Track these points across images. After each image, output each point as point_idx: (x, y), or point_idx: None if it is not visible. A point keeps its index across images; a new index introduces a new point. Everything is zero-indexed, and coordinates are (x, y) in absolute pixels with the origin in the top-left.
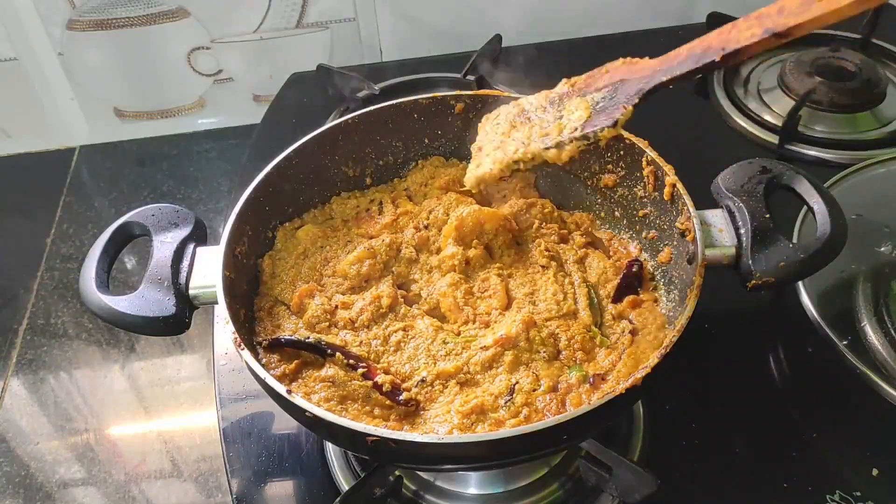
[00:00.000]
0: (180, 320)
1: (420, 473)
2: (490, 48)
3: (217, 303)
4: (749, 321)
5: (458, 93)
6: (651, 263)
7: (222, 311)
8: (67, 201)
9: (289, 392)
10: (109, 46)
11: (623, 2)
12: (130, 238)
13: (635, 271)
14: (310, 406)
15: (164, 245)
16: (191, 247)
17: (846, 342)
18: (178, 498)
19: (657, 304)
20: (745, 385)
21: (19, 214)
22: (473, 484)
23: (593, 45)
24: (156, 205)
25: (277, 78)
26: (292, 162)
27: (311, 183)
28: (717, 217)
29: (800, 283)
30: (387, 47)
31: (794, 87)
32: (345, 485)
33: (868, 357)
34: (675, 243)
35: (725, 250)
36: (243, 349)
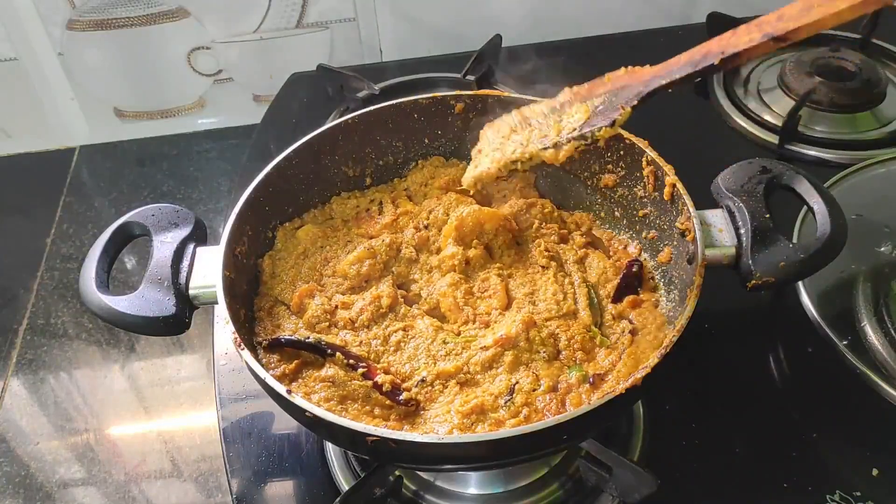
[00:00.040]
0: (180, 320)
1: (420, 473)
2: (490, 48)
3: (217, 303)
4: (749, 321)
5: (458, 93)
6: (651, 263)
7: (222, 311)
8: (67, 201)
9: (289, 392)
10: (109, 46)
11: (623, 2)
12: (130, 238)
13: (635, 271)
14: (310, 406)
15: (164, 245)
16: (191, 247)
17: (846, 342)
18: (178, 498)
19: (657, 305)
20: (745, 385)
21: (19, 214)
22: (473, 484)
23: (593, 45)
24: (156, 205)
25: (277, 78)
26: (292, 162)
27: (311, 183)
28: (717, 217)
29: (800, 283)
30: (387, 47)
31: (794, 87)
32: (345, 485)
33: (868, 357)
34: (675, 243)
35: (725, 250)
36: (243, 349)
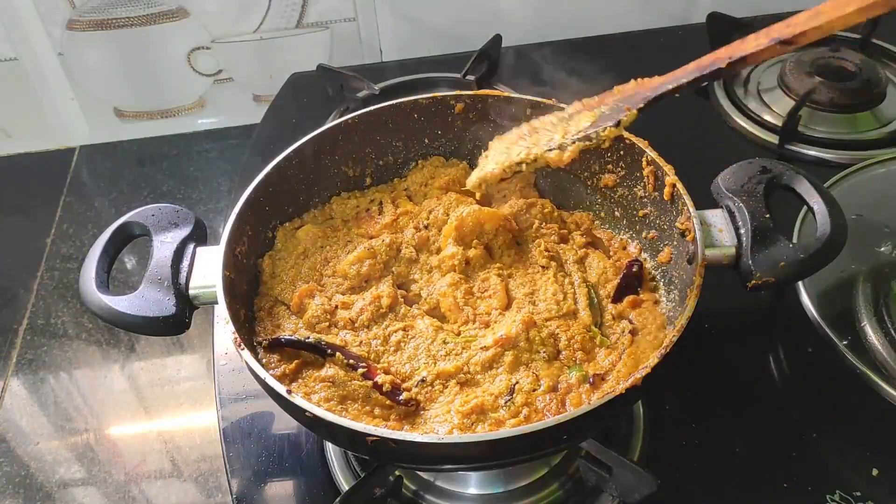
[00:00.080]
0: (180, 320)
1: (420, 473)
2: (490, 48)
3: (217, 303)
4: (749, 321)
5: (458, 93)
6: (651, 263)
7: (222, 311)
8: (67, 201)
9: (289, 392)
10: (109, 46)
11: (623, 2)
12: (130, 238)
13: (635, 271)
14: (310, 406)
15: (164, 245)
16: (191, 247)
17: (846, 342)
18: (178, 498)
19: (657, 304)
20: (745, 385)
21: (19, 214)
22: (473, 484)
23: (593, 45)
24: (156, 205)
25: (277, 78)
26: (292, 162)
27: (311, 183)
28: (717, 217)
29: (800, 283)
30: (387, 47)
31: (794, 87)
32: (345, 485)
33: (868, 357)
34: (675, 243)
35: (725, 250)
36: (243, 349)
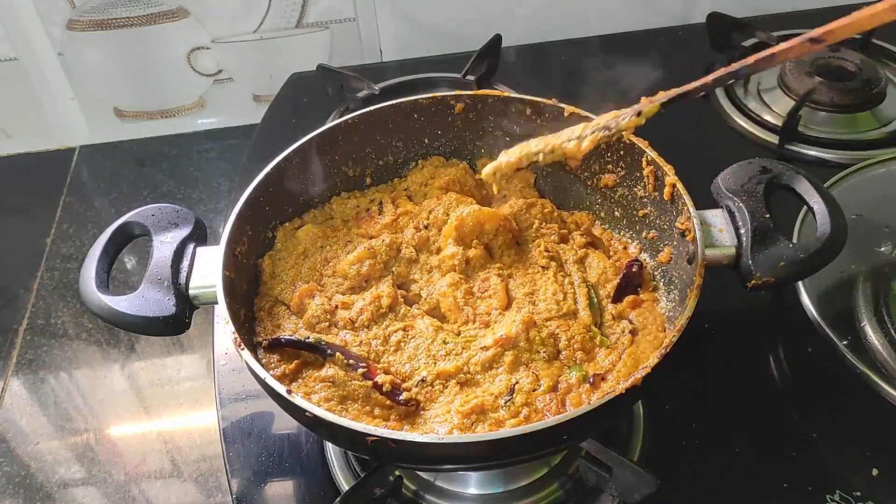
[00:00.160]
0: (180, 320)
1: (420, 473)
2: (490, 48)
3: (217, 303)
4: (749, 321)
5: (458, 93)
6: (651, 263)
7: (222, 311)
8: (67, 201)
9: (289, 392)
10: (109, 46)
11: (623, 2)
12: (130, 238)
13: (635, 271)
14: (310, 406)
15: (164, 245)
16: (191, 247)
17: (846, 342)
18: (178, 498)
19: (657, 304)
20: (745, 385)
21: (19, 214)
22: (473, 484)
23: (593, 45)
24: (156, 205)
25: (277, 78)
26: (292, 162)
27: (311, 183)
28: (717, 217)
29: (800, 283)
30: (387, 47)
31: (794, 87)
32: (345, 485)
33: (868, 357)
34: (675, 243)
35: (725, 250)
36: (243, 349)
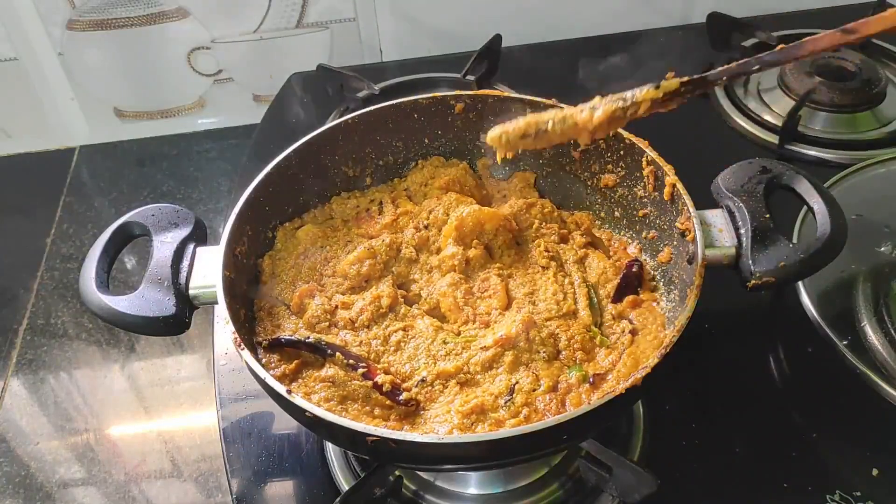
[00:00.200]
0: (180, 320)
1: (420, 473)
2: (490, 48)
3: (217, 303)
4: (749, 321)
5: (458, 93)
6: (651, 263)
7: (222, 311)
8: (67, 201)
9: (289, 392)
10: (109, 46)
11: (623, 2)
12: (130, 238)
13: (635, 271)
14: (310, 406)
15: (164, 245)
16: (191, 247)
17: (846, 342)
18: (178, 498)
19: (657, 304)
20: (745, 385)
21: (19, 214)
22: (473, 484)
23: (593, 45)
24: (156, 205)
25: (277, 78)
26: (292, 162)
27: (311, 183)
28: (717, 217)
29: (800, 283)
30: (387, 47)
31: (794, 87)
32: (345, 485)
33: (868, 357)
34: (675, 243)
35: (725, 250)
36: (243, 349)
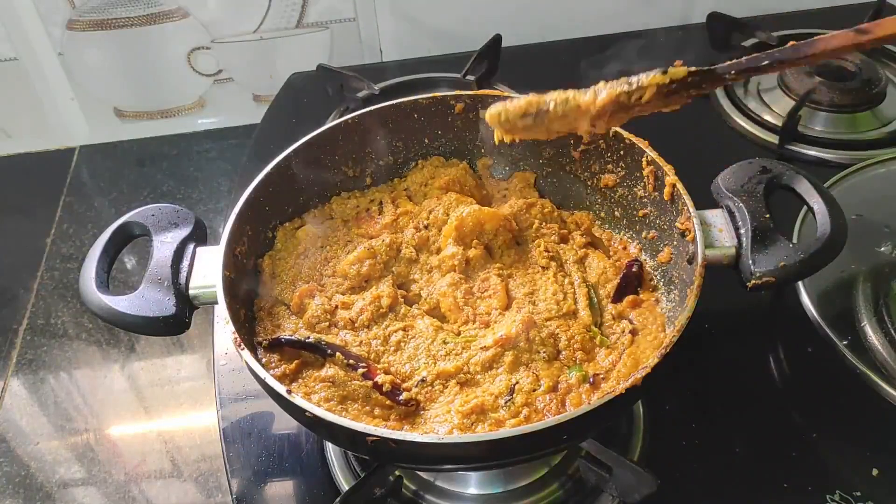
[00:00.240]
0: (180, 320)
1: (420, 473)
2: (490, 48)
3: (217, 303)
4: (749, 321)
5: (458, 93)
6: (651, 263)
7: (222, 311)
8: (67, 201)
9: (289, 392)
10: (109, 46)
11: (623, 2)
12: (130, 238)
13: (635, 271)
14: (310, 406)
15: (164, 245)
16: (191, 247)
17: (846, 342)
18: (178, 498)
19: (657, 304)
20: (745, 385)
21: (19, 214)
22: (473, 484)
23: (593, 45)
24: (156, 205)
25: (277, 78)
26: (292, 162)
27: (311, 183)
28: (717, 217)
29: (800, 283)
30: (387, 47)
31: (794, 87)
32: (345, 485)
33: (868, 357)
34: (675, 243)
35: (725, 250)
36: (243, 349)
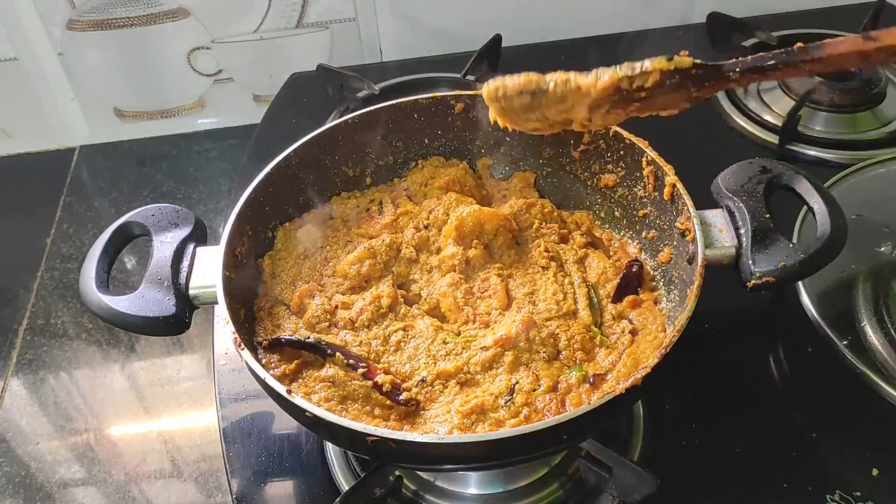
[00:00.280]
0: (180, 320)
1: (420, 473)
2: (490, 48)
3: (217, 303)
4: (749, 321)
5: (458, 93)
6: (651, 263)
7: (222, 311)
8: (67, 201)
9: (289, 392)
10: (109, 46)
11: (623, 2)
12: (130, 238)
13: (635, 271)
14: (310, 406)
15: (164, 245)
16: (191, 247)
17: (846, 342)
18: (178, 498)
19: (657, 304)
20: (745, 385)
21: (19, 214)
22: (473, 484)
23: (593, 45)
24: (156, 205)
25: (277, 78)
26: (292, 162)
27: (311, 183)
28: (717, 217)
29: (800, 283)
30: (387, 47)
31: (794, 87)
32: (345, 485)
33: (868, 357)
34: (675, 243)
35: (725, 250)
36: (243, 349)
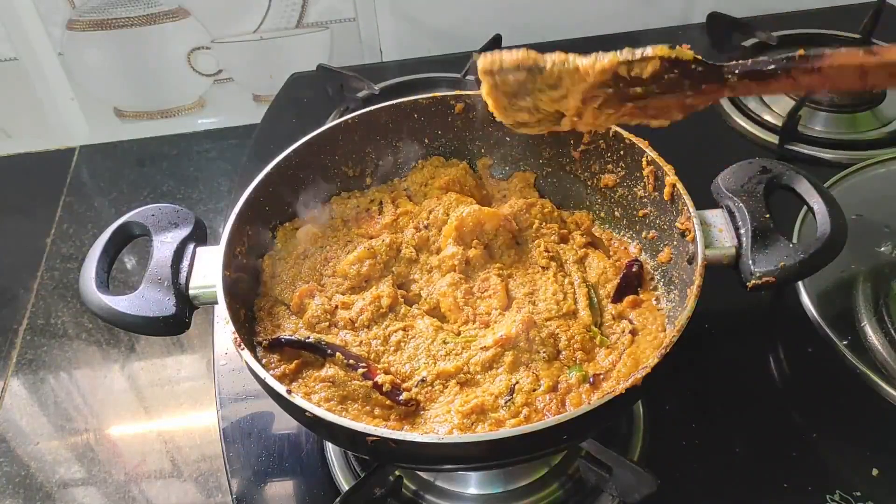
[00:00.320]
0: (180, 320)
1: (420, 473)
2: (490, 48)
3: (217, 303)
4: (749, 321)
5: (458, 93)
6: (651, 263)
7: (222, 311)
8: (67, 201)
9: (289, 392)
10: (109, 46)
11: (623, 2)
12: (130, 238)
13: (635, 271)
14: (310, 406)
15: (164, 245)
16: (191, 247)
17: (846, 342)
18: (178, 498)
19: (657, 304)
20: (745, 385)
21: (19, 214)
22: (473, 484)
23: (593, 45)
24: (156, 205)
25: (277, 78)
26: (292, 162)
27: (311, 183)
28: (717, 217)
29: (800, 283)
30: (387, 47)
31: None
32: (345, 485)
33: (868, 357)
34: (675, 243)
35: (725, 250)
36: (243, 349)
